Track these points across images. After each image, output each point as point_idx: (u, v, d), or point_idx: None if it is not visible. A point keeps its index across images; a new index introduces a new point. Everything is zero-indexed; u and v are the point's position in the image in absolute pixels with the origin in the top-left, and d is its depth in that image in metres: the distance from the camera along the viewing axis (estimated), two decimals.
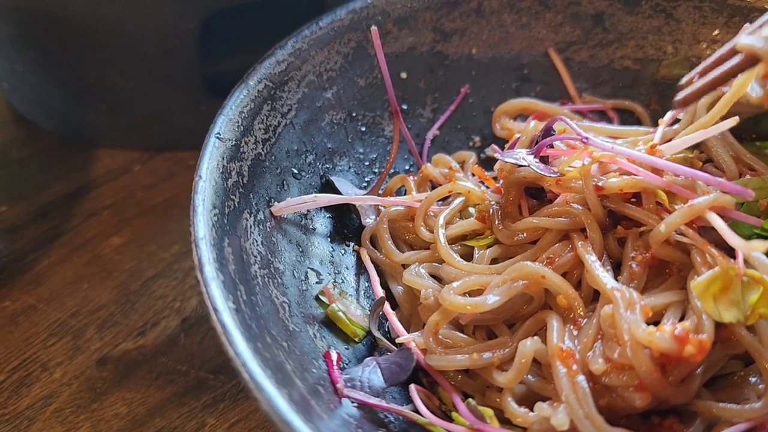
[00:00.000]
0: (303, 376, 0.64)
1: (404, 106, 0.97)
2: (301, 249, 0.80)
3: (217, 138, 0.75)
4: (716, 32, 0.99)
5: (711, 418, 0.65)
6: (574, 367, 0.63)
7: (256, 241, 0.74)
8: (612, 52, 1.02)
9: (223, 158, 0.75)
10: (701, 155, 0.81)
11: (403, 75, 0.98)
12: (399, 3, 0.97)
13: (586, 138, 0.71)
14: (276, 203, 0.79)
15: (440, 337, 0.72)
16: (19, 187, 1.07)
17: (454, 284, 0.72)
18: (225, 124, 0.77)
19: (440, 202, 0.86)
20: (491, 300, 0.69)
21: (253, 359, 0.57)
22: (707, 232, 0.69)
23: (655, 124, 0.87)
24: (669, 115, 0.85)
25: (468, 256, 0.79)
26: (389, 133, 0.95)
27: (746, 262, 0.64)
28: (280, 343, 0.66)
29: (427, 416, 0.66)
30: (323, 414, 0.60)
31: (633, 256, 0.70)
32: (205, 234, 0.66)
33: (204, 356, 0.88)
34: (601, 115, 1.01)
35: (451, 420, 0.67)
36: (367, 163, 0.93)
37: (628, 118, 1.01)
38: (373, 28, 0.89)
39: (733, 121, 0.71)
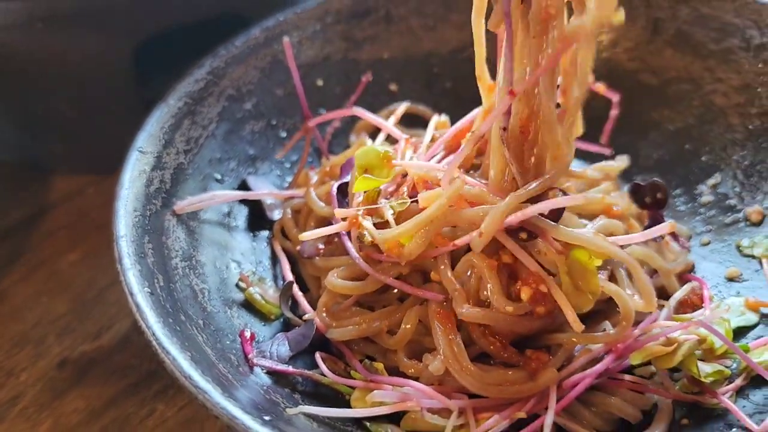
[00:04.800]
0: (215, 346, 0.73)
1: (322, 111, 1.05)
2: (223, 243, 0.89)
3: (139, 151, 0.85)
4: None
5: (572, 348, 0.74)
6: (449, 325, 0.73)
7: (179, 238, 0.83)
8: None
9: (145, 168, 0.84)
10: None
11: (320, 83, 1.06)
12: (311, 18, 1.05)
13: None
14: (178, 202, 0.86)
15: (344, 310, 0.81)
16: None
17: (338, 270, 0.81)
18: (146, 139, 0.86)
19: None
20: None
21: (162, 330, 0.67)
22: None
23: None
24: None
25: None
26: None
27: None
28: (195, 321, 0.75)
29: (330, 376, 0.76)
30: (229, 374, 0.69)
31: None
32: (126, 233, 0.76)
33: None
34: None
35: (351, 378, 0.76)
36: (288, 165, 1.02)
37: None
38: (285, 39, 0.98)
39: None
